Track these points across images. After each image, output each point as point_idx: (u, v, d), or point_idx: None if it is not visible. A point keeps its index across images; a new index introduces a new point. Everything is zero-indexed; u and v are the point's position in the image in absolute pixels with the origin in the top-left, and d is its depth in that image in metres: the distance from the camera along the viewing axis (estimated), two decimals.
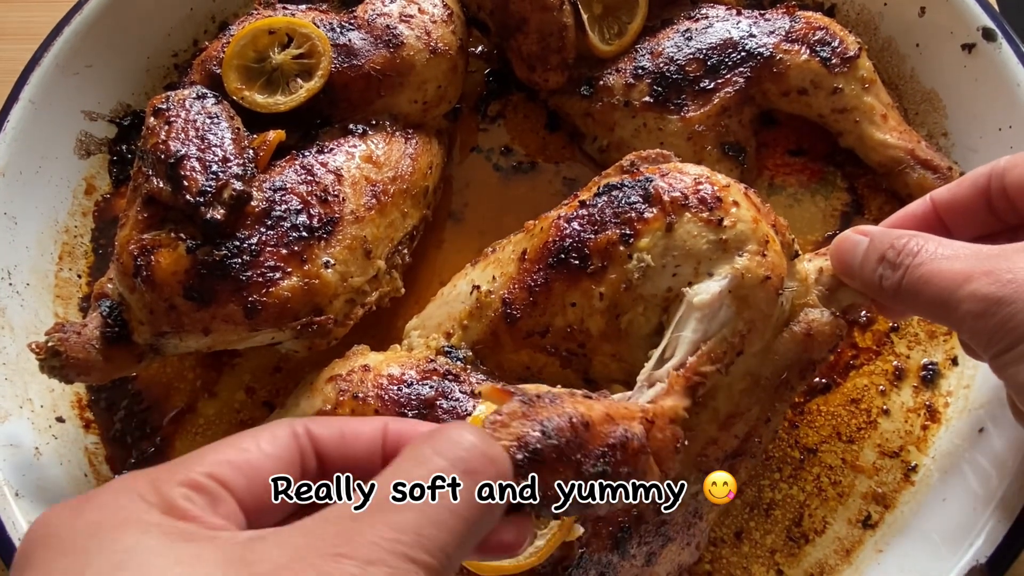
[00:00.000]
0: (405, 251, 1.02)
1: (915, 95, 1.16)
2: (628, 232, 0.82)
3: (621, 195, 0.85)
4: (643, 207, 0.83)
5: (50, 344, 0.86)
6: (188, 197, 0.84)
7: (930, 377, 1.01)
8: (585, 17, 1.09)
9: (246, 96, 1.00)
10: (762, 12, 1.13)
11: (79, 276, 1.11)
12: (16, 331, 1.00)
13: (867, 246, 0.78)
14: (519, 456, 0.56)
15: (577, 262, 0.83)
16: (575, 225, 0.85)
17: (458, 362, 0.88)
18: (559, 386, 0.81)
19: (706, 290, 0.79)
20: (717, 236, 0.81)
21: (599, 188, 0.87)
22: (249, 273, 0.85)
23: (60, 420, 1.00)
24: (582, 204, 0.86)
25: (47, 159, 1.10)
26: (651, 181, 0.84)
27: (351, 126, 1.02)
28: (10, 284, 1.01)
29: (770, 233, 0.84)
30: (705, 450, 0.84)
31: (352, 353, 0.91)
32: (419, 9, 1.08)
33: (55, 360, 0.86)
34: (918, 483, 0.95)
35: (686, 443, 0.75)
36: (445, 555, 0.45)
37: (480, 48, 1.26)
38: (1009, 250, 0.67)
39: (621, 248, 0.82)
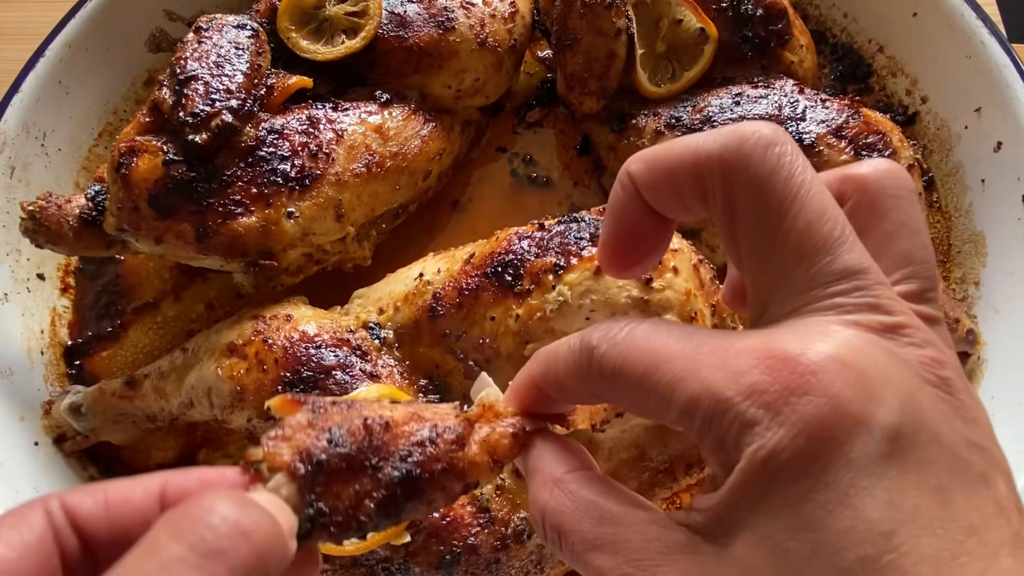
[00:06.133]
0: (384, 225, 1.04)
1: (964, 232, 1.07)
2: (561, 263, 0.81)
3: (576, 228, 0.84)
4: (586, 244, 0.81)
5: (30, 208, 0.94)
6: (181, 114, 0.89)
7: None
8: (640, 53, 1.07)
9: (291, 37, 1.04)
10: (826, 98, 1.07)
11: None
12: (31, 187, 1.08)
13: None
14: (301, 470, 0.49)
15: (510, 279, 0.83)
16: (524, 243, 0.85)
17: (376, 340, 0.90)
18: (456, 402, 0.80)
19: None
20: (640, 295, 0.78)
21: (563, 217, 0.87)
22: (212, 200, 0.89)
23: (40, 277, 1.08)
24: (541, 227, 0.86)
25: (117, 44, 1.17)
26: None
27: (377, 92, 1.05)
28: (42, 145, 1.10)
29: (702, 311, 0.81)
30: None
31: (287, 300, 0.94)
32: (484, 0, 1.09)
33: (30, 223, 0.94)
34: None
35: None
36: None
37: (546, 53, 1.25)
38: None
39: (550, 277, 0.81)
